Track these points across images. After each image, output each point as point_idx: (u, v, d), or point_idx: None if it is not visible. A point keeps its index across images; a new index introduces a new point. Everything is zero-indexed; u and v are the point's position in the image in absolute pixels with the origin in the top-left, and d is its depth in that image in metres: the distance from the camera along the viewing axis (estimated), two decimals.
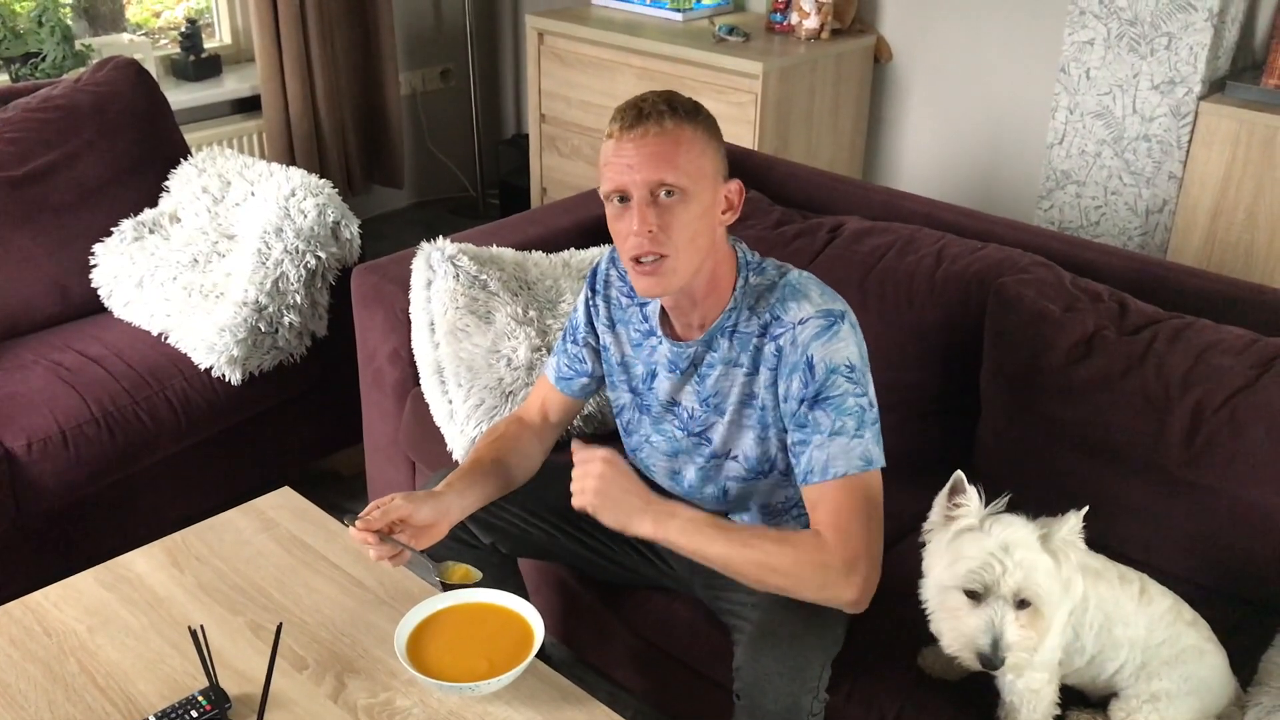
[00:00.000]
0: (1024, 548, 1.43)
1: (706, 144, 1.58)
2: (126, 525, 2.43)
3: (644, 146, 1.54)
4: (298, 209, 2.54)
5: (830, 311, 1.61)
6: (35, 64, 3.29)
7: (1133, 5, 2.79)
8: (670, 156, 1.54)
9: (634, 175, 1.55)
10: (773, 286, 1.65)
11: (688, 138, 1.55)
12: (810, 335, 1.59)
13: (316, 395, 2.72)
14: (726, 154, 1.64)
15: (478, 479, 1.74)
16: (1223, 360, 1.84)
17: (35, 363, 2.41)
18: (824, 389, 1.58)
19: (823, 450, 1.57)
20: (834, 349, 1.59)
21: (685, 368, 1.72)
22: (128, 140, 2.77)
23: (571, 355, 1.86)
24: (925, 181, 3.60)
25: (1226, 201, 2.77)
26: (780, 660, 1.57)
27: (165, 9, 3.92)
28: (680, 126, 1.55)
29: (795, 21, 3.42)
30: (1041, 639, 1.45)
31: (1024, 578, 1.42)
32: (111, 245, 2.67)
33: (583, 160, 3.71)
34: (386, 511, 1.60)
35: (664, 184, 1.54)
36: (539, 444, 1.88)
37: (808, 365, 1.59)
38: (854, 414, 1.58)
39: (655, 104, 1.56)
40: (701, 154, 1.57)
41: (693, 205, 1.56)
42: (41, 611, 1.70)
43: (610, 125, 1.59)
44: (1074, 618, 1.54)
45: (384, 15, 3.96)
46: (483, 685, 1.49)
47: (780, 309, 1.63)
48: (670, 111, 1.55)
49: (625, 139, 1.55)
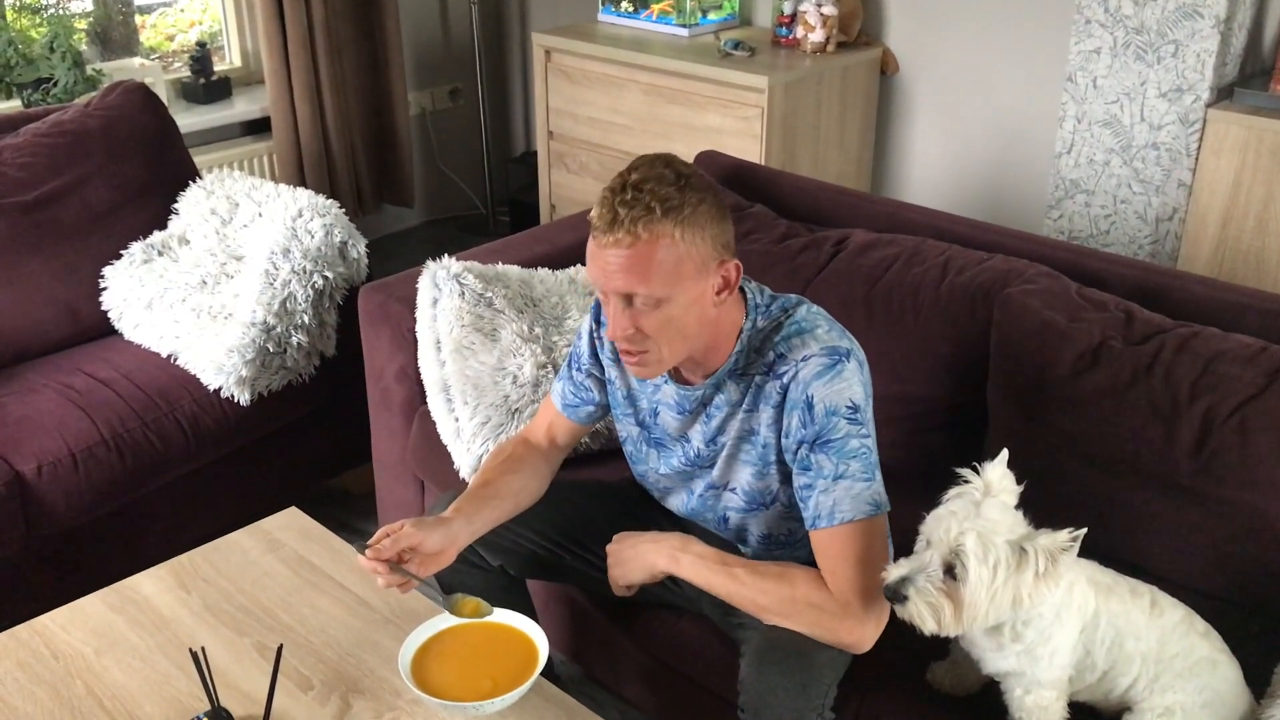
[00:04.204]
0: (979, 525, 1.42)
1: (691, 244, 1.49)
2: (136, 547, 2.44)
3: (617, 255, 1.49)
4: (305, 229, 2.55)
5: (835, 349, 1.57)
6: (47, 89, 3.32)
7: (1139, 13, 2.78)
8: (643, 271, 1.48)
9: (608, 282, 1.52)
10: (779, 327, 1.62)
11: (665, 246, 1.48)
12: (812, 374, 1.56)
13: (325, 415, 2.73)
14: (731, 229, 1.57)
15: (486, 503, 1.73)
16: (1231, 369, 1.82)
17: (45, 386, 2.42)
18: (824, 431, 1.56)
19: (829, 495, 1.56)
20: (835, 389, 1.55)
21: (693, 409, 1.71)
22: (136, 164, 2.79)
23: (577, 383, 1.85)
24: (933, 193, 3.59)
25: (1236, 209, 2.75)
26: (786, 675, 1.56)
27: (178, 32, 3.96)
28: (656, 236, 1.47)
29: (801, 35, 3.42)
30: (957, 615, 1.43)
31: (955, 547, 1.42)
32: (121, 268, 2.69)
33: (590, 177, 3.72)
34: (396, 540, 1.58)
35: (636, 295, 1.51)
36: (546, 466, 1.87)
37: (807, 405, 1.56)
38: (859, 456, 1.56)
39: (633, 206, 1.47)
40: (681, 260, 1.49)
41: (670, 309, 1.52)
42: (49, 635, 1.70)
43: (593, 211, 1.52)
44: (1084, 635, 1.52)
45: (392, 35, 3.98)
46: (487, 705, 1.49)
47: (785, 347, 1.60)
48: (646, 216, 1.47)
49: (601, 240, 1.50)
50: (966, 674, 1.68)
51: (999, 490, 1.49)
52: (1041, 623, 1.50)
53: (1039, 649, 1.51)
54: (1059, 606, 1.50)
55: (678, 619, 1.92)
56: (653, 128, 3.48)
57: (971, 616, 1.44)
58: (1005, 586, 1.42)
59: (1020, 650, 1.52)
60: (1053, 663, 1.52)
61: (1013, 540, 1.43)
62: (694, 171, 1.54)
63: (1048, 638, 1.50)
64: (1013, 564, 1.41)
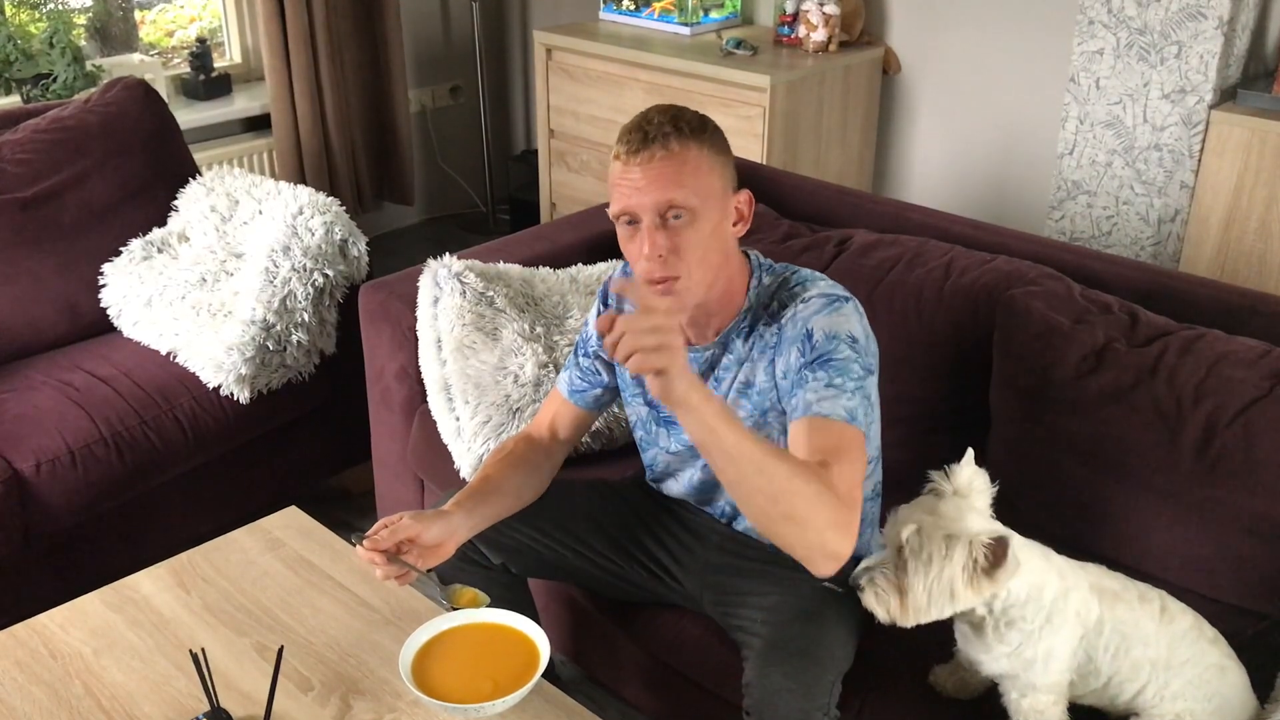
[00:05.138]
0: (923, 520, 1.45)
1: (714, 160, 1.58)
2: (135, 546, 2.43)
3: (650, 169, 1.54)
4: (305, 227, 2.54)
5: (834, 294, 1.62)
6: (46, 85, 3.31)
7: (1142, 14, 2.77)
8: (676, 178, 1.54)
9: (641, 199, 1.55)
10: (785, 283, 1.68)
11: (694, 157, 1.55)
12: (812, 311, 1.60)
13: (325, 413, 2.72)
14: (735, 166, 1.64)
15: (486, 498, 1.73)
16: (1235, 372, 1.82)
17: (44, 383, 2.41)
18: (825, 353, 1.55)
19: (814, 393, 1.53)
20: (836, 320, 1.58)
21: (702, 370, 1.72)
22: (136, 160, 2.78)
23: (584, 368, 1.86)
24: (935, 193, 3.59)
25: (1239, 210, 2.74)
26: (790, 676, 1.55)
27: (178, 29, 3.95)
28: (686, 147, 1.55)
29: (803, 34, 3.42)
30: (902, 606, 1.46)
31: (899, 542, 1.46)
32: (120, 265, 2.68)
33: (591, 175, 3.71)
34: (394, 531, 1.58)
35: (672, 206, 1.54)
36: (548, 461, 1.87)
37: (806, 336, 1.58)
38: (855, 377, 1.54)
39: (660, 125, 1.55)
40: (709, 172, 1.57)
41: (702, 224, 1.56)
42: (47, 634, 1.70)
43: (616, 146, 1.58)
44: (1086, 641, 1.52)
45: (393, 33, 3.97)
46: (488, 706, 1.48)
47: (786, 296, 1.65)
48: (675, 132, 1.55)
49: (631, 162, 1.55)
50: (969, 677, 1.67)
51: (967, 490, 1.50)
52: (1027, 625, 1.49)
53: (1028, 652, 1.51)
54: (1049, 611, 1.49)
55: (679, 620, 1.91)
56: None
57: (915, 608, 1.46)
58: (941, 579, 1.43)
59: (1008, 653, 1.52)
60: (1048, 667, 1.51)
61: (950, 535, 1.43)
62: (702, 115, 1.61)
63: (1036, 641, 1.50)
64: (947, 557, 1.43)
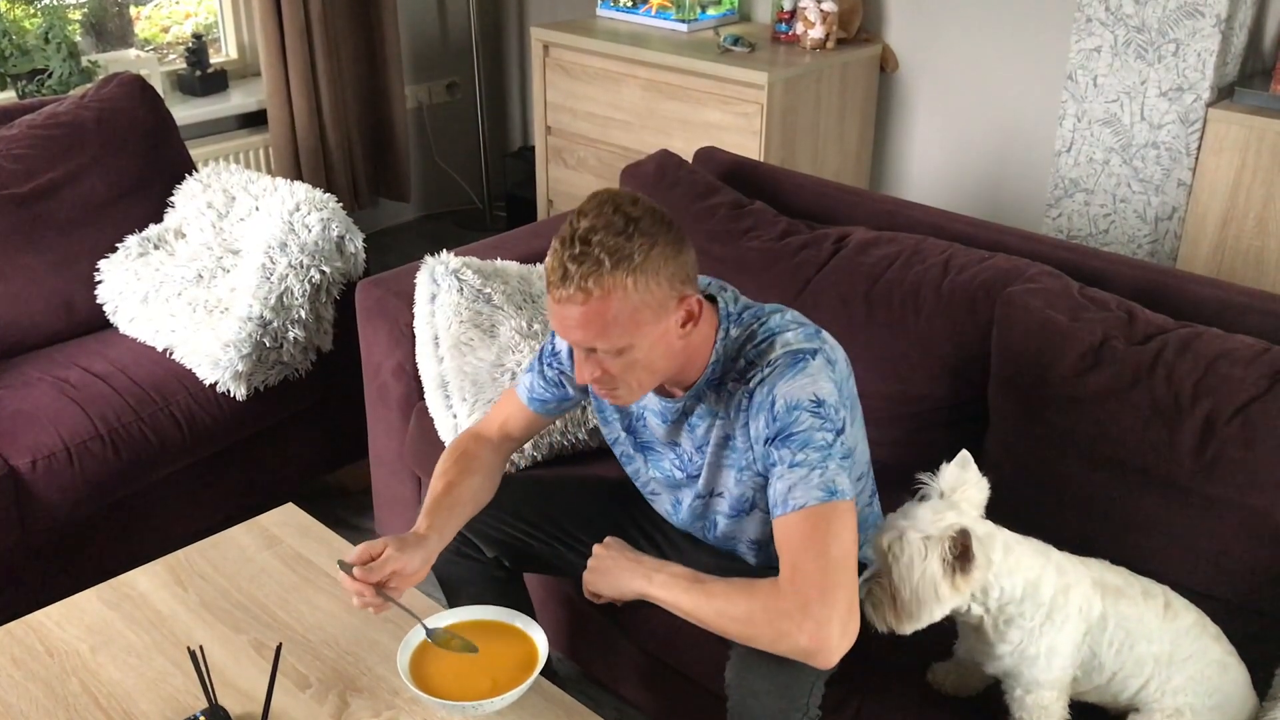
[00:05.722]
0: (902, 524, 1.47)
1: (645, 292, 1.47)
2: (132, 542, 2.42)
3: (571, 312, 1.47)
4: (302, 224, 2.53)
5: (799, 351, 1.55)
6: (42, 81, 3.30)
7: (1140, 12, 2.77)
8: (599, 327, 1.47)
9: (569, 334, 1.51)
10: (751, 336, 1.61)
11: (618, 300, 1.45)
12: (776, 376, 1.55)
13: (322, 410, 2.72)
14: (693, 260, 1.54)
15: (453, 512, 1.70)
16: (1233, 370, 1.82)
17: (40, 379, 2.41)
18: (786, 426, 1.52)
19: (784, 482, 1.51)
20: (797, 385, 1.53)
21: (675, 419, 1.70)
22: (132, 156, 2.77)
23: (549, 379, 1.81)
24: (932, 191, 3.58)
25: (1236, 208, 2.74)
26: (767, 678, 1.55)
27: (174, 24, 3.93)
28: (608, 291, 1.45)
29: (800, 31, 3.41)
30: (896, 613, 1.47)
31: (881, 540, 1.48)
32: (116, 261, 2.67)
33: (589, 172, 3.70)
34: (383, 563, 1.55)
35: (598, 349, 1.51)
36: (499, 460, 1.84)
37: (771, 405, 1.54)
38: (819, 448, 1.50)
39: (583, 261, 1.44)
40: (639, 308, 1.47)
41: (635, 353, 1.51)
42: (44, 631, 1.69)
43: (546, 262, 1.50)
44: (1089, 637, 1.52)
45: (389, 29, 3.96)
46: (486, 704, 1.48)
47: (754, 353, 1.59)
48: (597, 271, 1.44)
49: (555, 295, 1.48)
50: (968, 675, 1.67)
51: (954, 491, 1.50)
52: (1026, 622, 1.50)
53: (1030, 649, 1.51)
54: (1049, 608, 1.50)
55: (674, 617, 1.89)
56: (651, 123, 3.47)
57: (907, 615, 1.47)
58: (924, 582, 1.44)
59: (1009, 650, 1.52)
60: (1050, 664, 1.51)
61: (929, 537, 1.44)
62: (644, 212, 1.49)
63: (1037, 638, 1.50)
64: (926, 558, 1.44)
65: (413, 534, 1.63)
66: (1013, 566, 1.49)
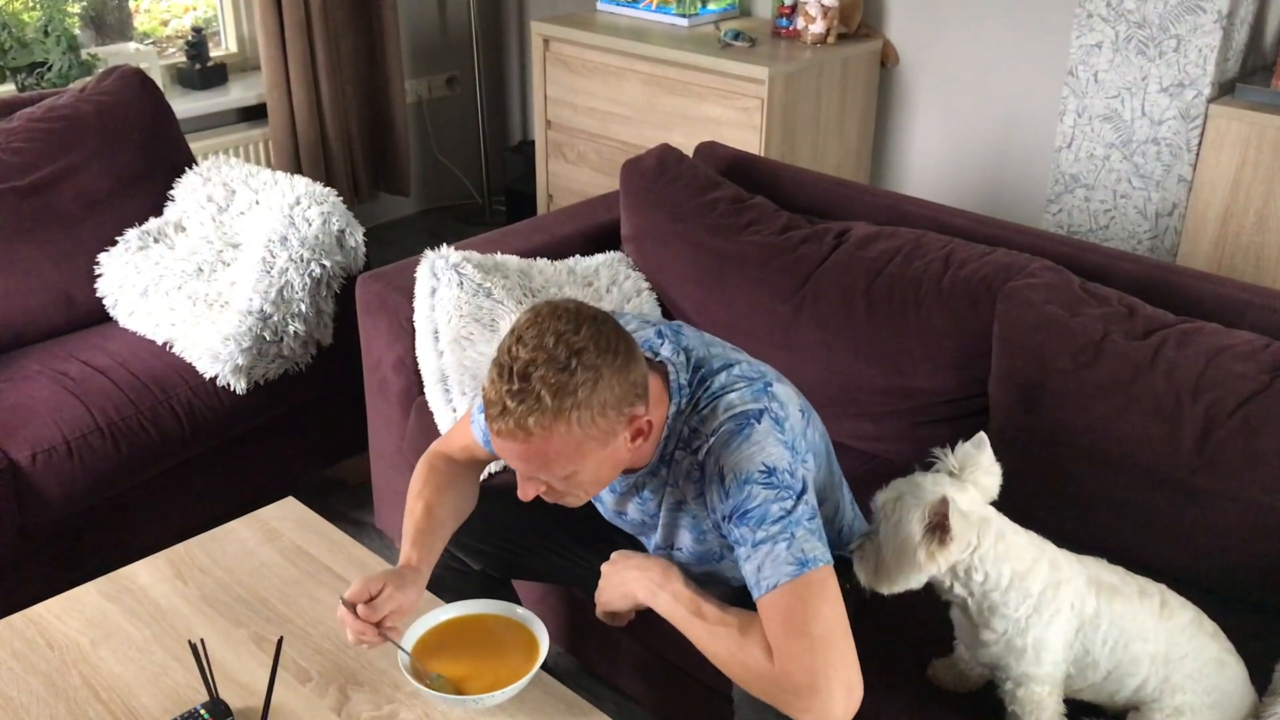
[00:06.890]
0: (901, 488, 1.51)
1: (590, 423, 1.37)
2: (131, 536, 2.43)
3: (511, 447, 1.39)
4: (302, 217, 2.53)
5: (743, 414, 1.47)
6: (41, 74, 3.30)
7: (1141, 7, 2.77)
8: (540, 461, 1.40)
9: (509, 462, 1.44)
10: (695, 403, 1.52)
11: (560, 435, 1.37)
12: (720, 446, 1.47)
13: (322, 404, 2.72)
14: (643, 373, 1.44)
15: (437, 536, 1.66)
16: (1234, 365, 1.82)
17: (40, 373, 2.40)
18: (740, 504, 1.44)
19: (753, 563, 1.44)
20: (745, 455, 1.45)
21: (625, 491, 1.66)
22: (132, 150, 2.77)
23: None
24: (932, 186, 3.58)
25: (1237, 205, 2.74)
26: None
27: (173, 18, 3.93)
28: (549, 429, 1.36)
29: (801, 26, 3.41)
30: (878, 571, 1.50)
31: (878, 497, 1.53)
32: (116, 255, 2.67)
33: (588, 167, 3.70)
34: (384, 602, 1.52)
35: (540, 479, 1.46)
36: (474, 474, 1.80)
37: (720, 478, 1.47)
38: (778, 520, 1.42)
39: (523, 398, 1.35)
40: (580, 442, 1.39)
41: (580, 474, 1.44)
42: (44, 624, 1.69)
43: (484, 384, 1.41)
44: (1082, 634, 1.52)
45: (389, 23, 3.96)
46: (487, 698, 1.48)
47: (697, 420, 1.51)
48: (537, 410, 1.34)
49: (493, 427, 1.39)
50: (967, 670, 1.68)
51: (964, 469, 1.52)
52: (1010, 612, 1.50)
53: (1016, 641, 1.51)
54: (1037, 601, 1.50)
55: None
56: (652, 118, 3.46)
57: (885, 573, 1.50)
58: (905, 543, 1.46)
59: (995, 639, 1.53)
60: (1040, 658, 1.52)
61: (918, 501, 1.46)
62: (587, 340, 1.37)
63: (1023, 630, 1.51)
64: (910, 521, 1.46)
65: (405, 568, 1.59)
66: (1002, 554, 1.49)
